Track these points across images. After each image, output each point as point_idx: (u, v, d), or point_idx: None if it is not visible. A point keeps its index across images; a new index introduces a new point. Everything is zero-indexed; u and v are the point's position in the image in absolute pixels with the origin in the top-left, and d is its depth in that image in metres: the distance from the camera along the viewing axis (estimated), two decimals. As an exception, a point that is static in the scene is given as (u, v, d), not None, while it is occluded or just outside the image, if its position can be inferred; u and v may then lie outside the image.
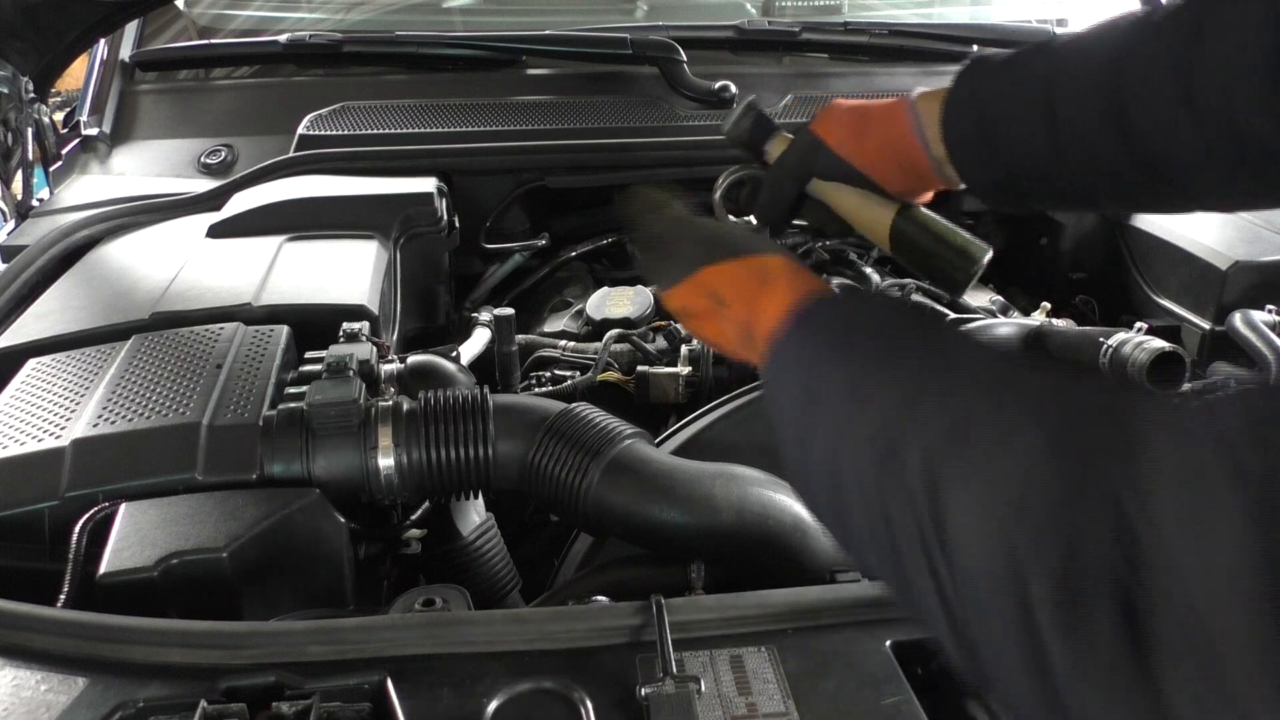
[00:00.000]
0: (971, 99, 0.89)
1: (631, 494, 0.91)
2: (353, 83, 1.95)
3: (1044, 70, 0.84)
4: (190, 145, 1.84)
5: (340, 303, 1.19)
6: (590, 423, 0.96)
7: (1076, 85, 0.82)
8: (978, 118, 0.88)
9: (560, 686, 0.69)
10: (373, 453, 0.93)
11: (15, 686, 0.68)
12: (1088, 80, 0.81)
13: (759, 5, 2.34)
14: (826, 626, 0.75)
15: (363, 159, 1.66)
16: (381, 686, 0.69)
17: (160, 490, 0.88)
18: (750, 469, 0.94)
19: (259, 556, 0.83)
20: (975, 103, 0.88)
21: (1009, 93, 0.87)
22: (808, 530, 0.91)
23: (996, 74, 0.88)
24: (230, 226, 1.42)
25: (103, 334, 1.14)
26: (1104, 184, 0.85)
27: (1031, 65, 0.86)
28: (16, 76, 1.51)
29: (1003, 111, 0.87)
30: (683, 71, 1.86)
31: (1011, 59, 0.88)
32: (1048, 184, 0.88)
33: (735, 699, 0.68)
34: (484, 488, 0.98)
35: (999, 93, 0.87)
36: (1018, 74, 0.87)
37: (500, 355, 1.36)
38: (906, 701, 0.68)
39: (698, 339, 1.09)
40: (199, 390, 0.98)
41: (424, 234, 1.49)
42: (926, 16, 2.43)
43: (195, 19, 2.18)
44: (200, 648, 0.72)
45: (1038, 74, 0.85)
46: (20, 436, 0.94)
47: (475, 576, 1.07)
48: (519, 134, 1.75)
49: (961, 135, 0.89)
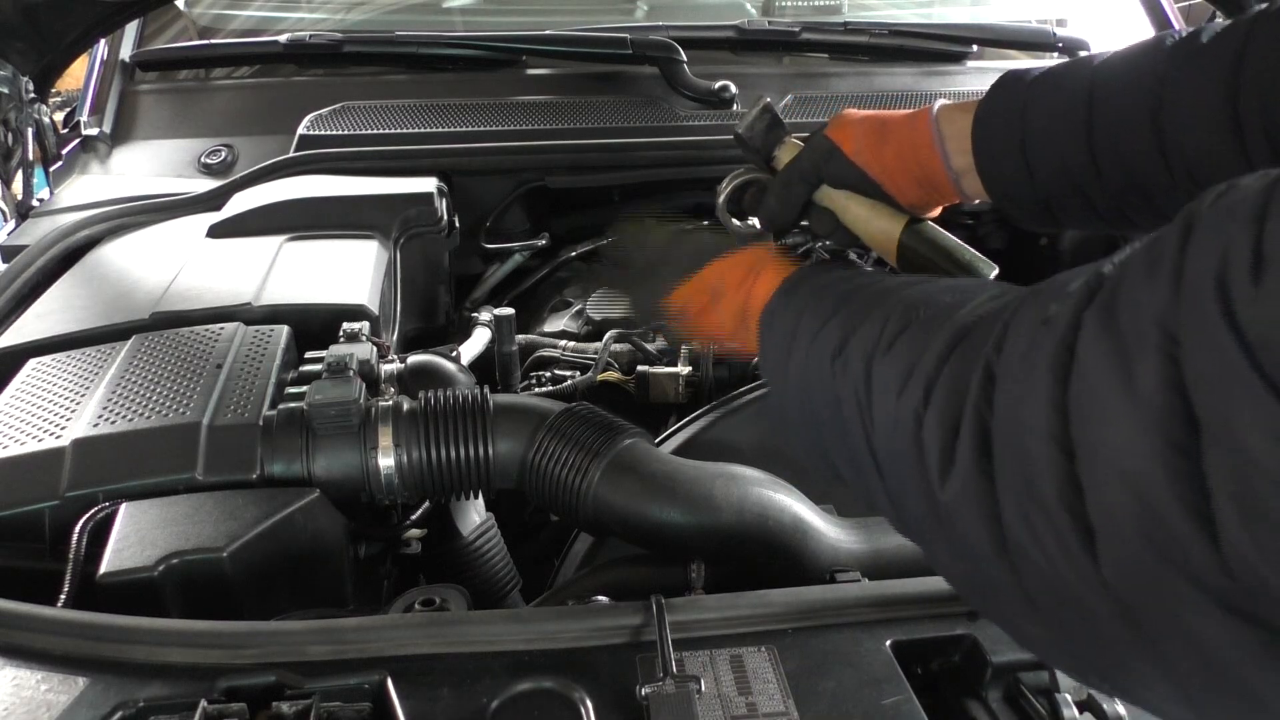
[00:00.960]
0: (1005, 113, 0.87)
1: (631, 494, 0.91)
2: (353, 83, 1.95)
3: (1084, 86, 0.83)
4: (190, 145, 1.84)
5: (340, 303, 1.19)
6: (590, 423, 0.96)
7: (1118, 104, 0.81)
8: (1012, 132, 0.87)
9: (560, 686, 0.69)
10: (373, 452, 0.93)
11: (15, 686, 0.68)
12: (1130, 100, 0.80)
13: (759, 5, 2.34)
14: (826, 626, 0.75)
15: (363, 159, 1.66)
16: (381, 686, 0.69)
17: (160, 490, 0.88)
18: (750, 469, 0.94)
19: (259, 556, 0.83)
20: (1009, 117, 0.87)
21: (1046, 109, 0.85)
22: (808, 530, 0.91)
23: (1032, 89, 0.87)
24: (230, 226, 1.42)
25: (103, 334, 1.14)
26: (1141, 204, 0.84)
27: (1070, 81, 0.85)
28: (16, 76, 1.51)
29: (1039, 127, 0.85)
30: (683, 71, 1.86)
31: (1047, 74, 0.87)
32: (1083, 202, 0.87)
33: (735, 699, 0.68)
34: (484, 488, 0.99)
35: (1035, 108, 0.86)
36: (1055, 90, 0.85)
37: (500, 355, 1.36)
38: (906, 701, 0.68)
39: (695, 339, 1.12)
40: (199, 390, 0.98)
41: (424, 234, 1.49)
42: (926, 16, 2.43)
43: (195, 19, 2.18)
44: (200, 648, 0.72)
45: (1077, 90, 0.84)
46: (20, 436, 0.94)
47: (475, 576, 1.07)
48: (519, 134, 1.75)
49: (993, 149, 0.88)
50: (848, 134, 0.95)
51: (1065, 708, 0.67)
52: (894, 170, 0.93)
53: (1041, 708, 0.68)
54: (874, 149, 0.93)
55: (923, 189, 0.93)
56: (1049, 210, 0.90)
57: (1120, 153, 0.81)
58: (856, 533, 0.95)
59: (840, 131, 0.95)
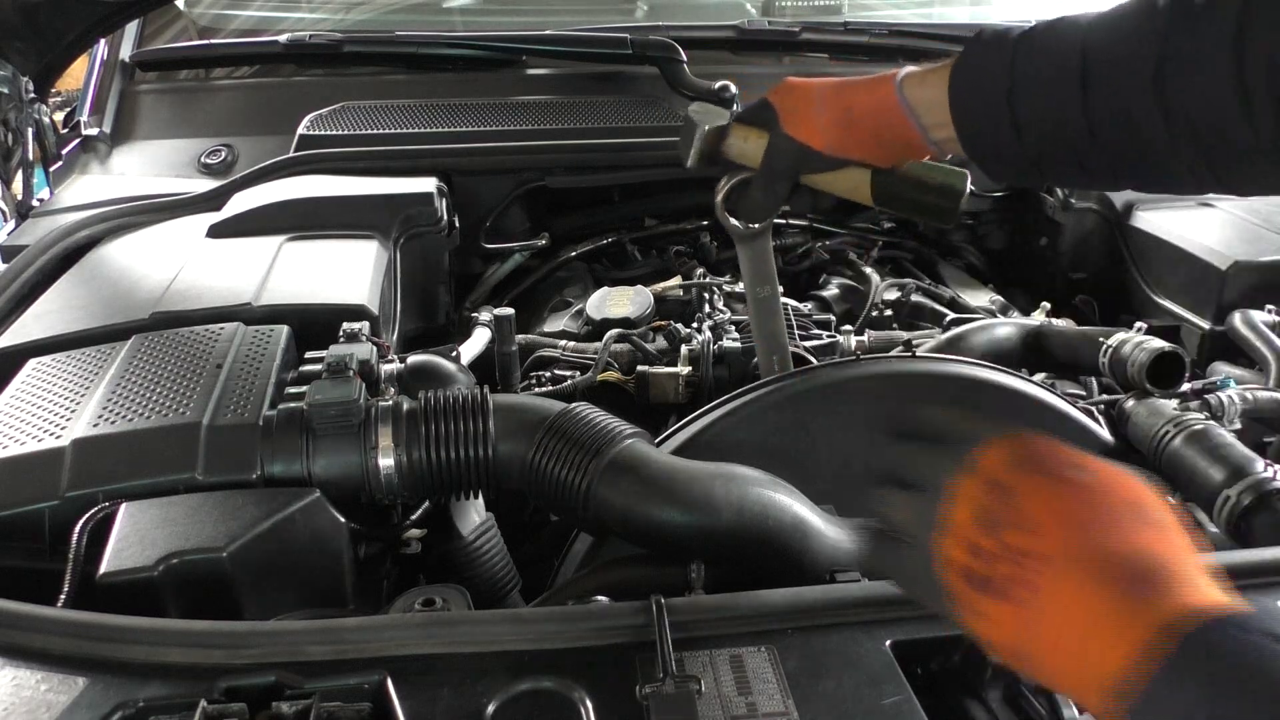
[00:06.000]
0: (989, 71, 0.86)
1: (631, 494, 0.91)
2: (353, 83, 1.95)
3: (1075, 47, 0.82)
4: (190, 145, 1.84)
5: (340, 303, 1.19)
6: (590, 422, 0.96)
7: (1115, 64, 0.80)
8: (997, 90, 0.85)
9: (560, 686, 0.69)
10: (373, 453, 0.93)
11: (15, 686, 0.68)
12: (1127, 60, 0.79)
13: (759, 5, 2.34)
14: (826, 626, 0.75)
15: (363, 159, 1.66)
16: (381, 686, 0.69)
17: (160, 490, 0.87)
18: (750, 469, 0.94)
19: (259, 556, 0.83)
20: (995, 74, 0.86)
21: (1035, 68, 0.84)
22: (808, 530, 0.91)
23: (1019, 46, 0.85)
24: (230, 226, 1.42)
25: (103, 334, 1.14)
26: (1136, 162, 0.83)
27: (1058, 41, 0.84)
28: (16, 76, 1.51)
29: (1029, 86, 0.84)
30: (683, 71, 1.86)
31: (1032, 31, 0.85)
32: (1073, 159, 0.86)
33: (735, 699, 0.68)
34: (484, 487, 0.98)
35: (1024, 66, 0.85)
36: (1044, 50, 0.84)
37: (500, 355, 1.36)
38: (906, 701, 0.68)
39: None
40: (199, 390, 0.98)
41: (424, 234, 1.49)
42: (926, 16, 2.43)
43: (195, 19, 2.18)
44: (200, 648, 0.71)
45: (1068, 50, 0.82)
46: (20, 436, 0.94)
47: (475, 576, 1.06)
48: (519, 134, 1.75)
49: (974, 107, 0.87)
50: (815, 130, 0.96)
51: (1065, 707, 0.67)
52: (867, 147, 0.95)
53: (1041, 708, 0.68)
54: (844, 135, 0.95)
55: (896, 153, 0.95)
56: (1037, 168, 0.90)
57: (1117, 111, 0.81)
58: (856, 533, 0.95)
59: (806, 128, 0.96)
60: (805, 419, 1.09)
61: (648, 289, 1.58)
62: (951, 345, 1.34)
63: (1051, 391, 1.17)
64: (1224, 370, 1.38)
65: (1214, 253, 1.50)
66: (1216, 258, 1.49)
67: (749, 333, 1.30)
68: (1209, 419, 1.13)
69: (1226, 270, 1.46)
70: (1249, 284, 1.46)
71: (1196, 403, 1.19)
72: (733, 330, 1.45)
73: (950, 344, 1.35)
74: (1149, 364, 1.18)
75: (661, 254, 1.84)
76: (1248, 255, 1.47)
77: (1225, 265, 1.46)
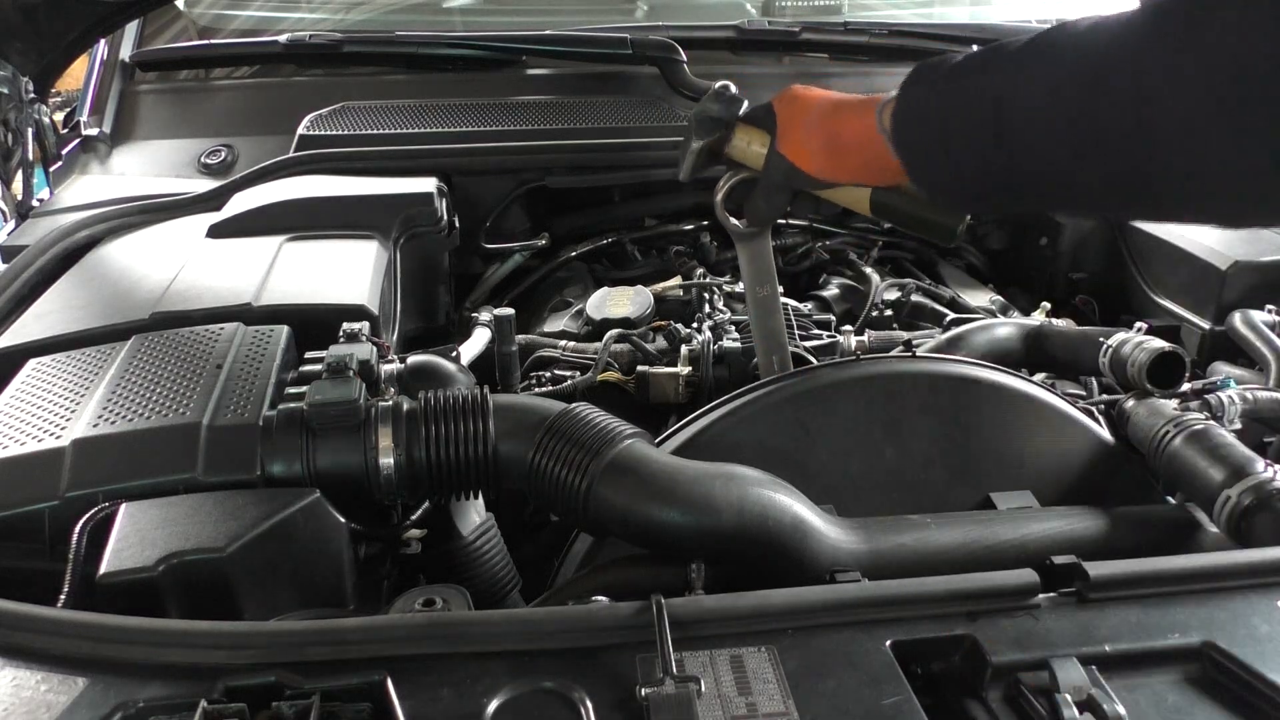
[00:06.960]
0: (920, 110, 0.89)
1: (631, 494, 0.91)
2: (353, 83, 1.95)
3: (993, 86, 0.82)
4: (190, 145, 1.84)
5: (340, 303, 1.19)
6: (590, 423, 0.96)
7: (1032, 98, 0.79)
8: (929, 136, 0.89)
9: (560, 686, 0.69)
10: (373, 453, 0.93)
11: (15, 686, 0.68)
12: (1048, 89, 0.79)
13: (759, 5, 2.34)
14: (826, 626, 0.75)
15: (363, 159, 1.66)
16: (381, 686, 0.69)
17: (160, 490, 0.87)
18: (750, 469, 0.94)
19: (259, 556, 0.83)
20: (925, 114, 0.89)
21: (955, 119, 0.86)
22: (808, 530, 0.91)
23: (942, 85, 0.87)
24: (230, 226, 1.42)
25: (103, 334, 1.14)
26: (1063, 195, 0.86)
27: (979, 78, 0.85)
28: (16, 76, 1.51)
29: (949, 136, 0.87)
30: (683, 71, 1.86)
31: (957, 68, 0.87)
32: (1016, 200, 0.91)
33: (735, 699, 0.68)
34: (484, 488, 0.98)
35: (945, 106, 0.87)
36: (964, 87, 0.86)
37: (500, 355, 1.36)
38: (906, 701, 0.68)
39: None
40: (199, 390, 0.98)
41: (424, 234, 1.49)
42: (926, 16, 2.43)
43: (195, 19, 2.18)
44: (200, 648, 0.71)
45: (985, 88, 0.83)
46: (20, 436, 0.94)
47: (475, 576, 1.07)
48: (519, 134, 1.76)
49: (913, 146, 0.91)
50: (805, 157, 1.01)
51: (1065, 708, 0.67)
52: (856, 172, 1.00)
53: (1041, 708, 0.68)
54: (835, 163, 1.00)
55: (888, 177, 0.98)
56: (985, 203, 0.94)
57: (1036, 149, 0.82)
58: (856, 533, 0.95)
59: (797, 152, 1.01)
60: (805, 419, 1.09)
61: (648, 289, 1.58)
62: (952, 345, 1.34)
63: (1051, 391, 1.17)
64: (1224, 370, 1.38)
65: (1214, 253, 1.50)
66: (1216, 258, 1.49)
67: (749, 333, 1.31)
68: (1209, 419, 1.13)
69: (1226, 270, 1.46)
70: (1249, 284, 1.46)
71: (1196, 403, 1.19)
72: (733, 330, 1.45)
73: (950, 344, 1.35)
74: (1149, 364, 1.18)
75: (661, 254, 1.84)
76: (1248, 255, 1.47)
77: (1225, 265, 1.46)
